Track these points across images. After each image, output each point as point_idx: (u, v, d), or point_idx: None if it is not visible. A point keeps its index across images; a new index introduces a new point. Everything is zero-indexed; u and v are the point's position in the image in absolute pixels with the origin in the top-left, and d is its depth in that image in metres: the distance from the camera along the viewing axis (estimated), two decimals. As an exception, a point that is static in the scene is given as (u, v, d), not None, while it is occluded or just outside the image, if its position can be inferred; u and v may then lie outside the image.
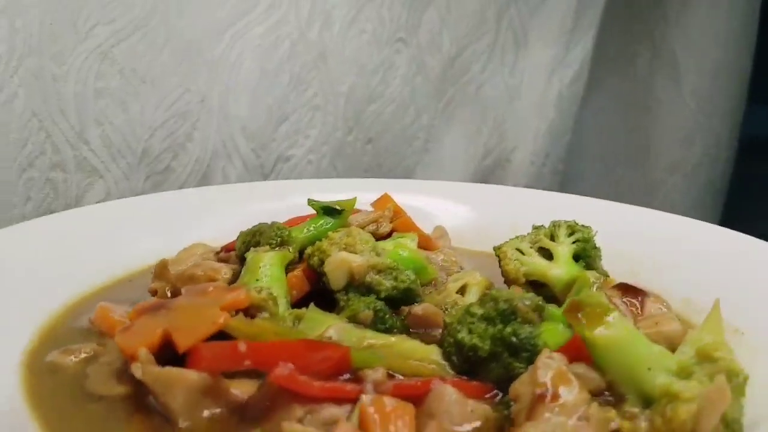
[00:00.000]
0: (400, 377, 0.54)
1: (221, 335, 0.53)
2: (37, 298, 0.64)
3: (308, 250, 0.70)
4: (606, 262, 0.78)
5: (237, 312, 0.57)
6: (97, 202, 1.18)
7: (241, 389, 0.51)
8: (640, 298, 0.73)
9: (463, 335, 0.56)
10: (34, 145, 1.09)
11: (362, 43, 1.52)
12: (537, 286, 0.75)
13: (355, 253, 0.68)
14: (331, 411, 0.48)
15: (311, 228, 0.80)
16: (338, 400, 0.48)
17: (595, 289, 0.69)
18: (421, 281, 0.75)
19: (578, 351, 0.52)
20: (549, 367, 0.49)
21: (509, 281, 0.75)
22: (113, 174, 1.20)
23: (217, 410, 0.49)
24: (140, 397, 0.52)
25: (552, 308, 0.60)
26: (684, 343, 0.56)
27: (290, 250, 0.73)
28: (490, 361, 0.55)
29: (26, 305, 0.62)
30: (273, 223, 0.76)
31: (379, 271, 0.66)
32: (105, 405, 0.51)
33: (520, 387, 0.50)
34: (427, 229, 1.00)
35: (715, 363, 0.49)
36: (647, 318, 0.69)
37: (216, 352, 0.49)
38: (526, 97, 1.88)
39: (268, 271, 0.66)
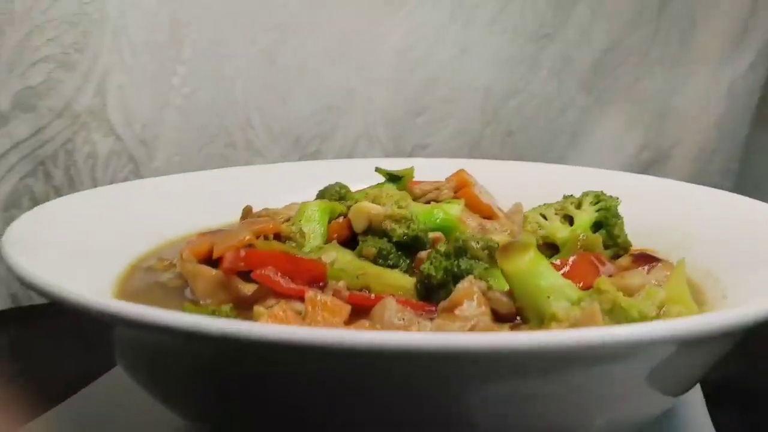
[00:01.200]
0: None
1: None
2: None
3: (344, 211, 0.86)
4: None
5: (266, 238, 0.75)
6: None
7: (248, 289, 0.68)
8: (648, 266, 0.75)
9: (424, 266, 0.67)
10: (212, 128, 1.39)
11: (504, 41, 1.62)
12: (556, 249, 0.81)
13: (379, 204, 0.82)
14: (297, 305, 0.63)
15: (372, 189, 0.96)
16: (298, 297, 0.64)
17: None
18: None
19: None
20: (462, 288, 0.59)
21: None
22: (272, 154, 1.47)
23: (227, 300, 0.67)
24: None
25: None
26: (634, 297, 0.61)
27: (346, 204, 0.89)
28: (440, 288, 0.65)
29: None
30: (337, 183, 0.93)
31: (395, 220, 0.79)
32: (166, 292, 0.72)
33: (442, 303, 0.60)
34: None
35: (602, 295, 0.54)
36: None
37: (228, 257, 0.67)
38: (690, 89, 1.79)
39: (310, 215, 0.82)
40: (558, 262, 0.67)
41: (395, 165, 1.07)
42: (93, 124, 1.13)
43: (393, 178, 0.98)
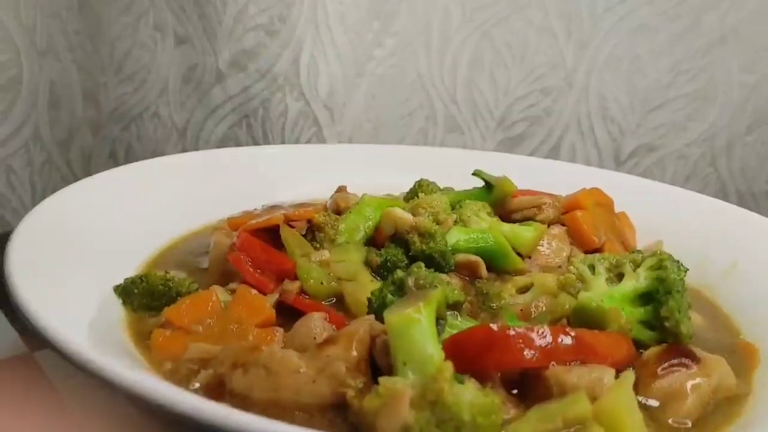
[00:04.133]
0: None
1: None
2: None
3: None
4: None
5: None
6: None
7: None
8: (680, 364, 0.58)
9: (374, 291, 0.64)
10: (414, 100, 1.43)
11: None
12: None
13: (416, 213, 0.78)
14: (242, 287, 0.67)
15: (461, 193, 0.90)
16: (258, 287, 0.67)
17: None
18: (502, 267, 0.78)
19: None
20: (352, 325, 0.55)
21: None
22: (472, 132, 1.45)
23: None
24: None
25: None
26: (556, 400, 0.50)
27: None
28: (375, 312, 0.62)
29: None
30: (421, 179, 0.91)
31: (419, 233, 0.75)
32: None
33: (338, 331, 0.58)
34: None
35: (435, 383, 0.45)
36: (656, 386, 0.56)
37: (237, 237, 0.74)
38: None
39: (362, 209, 0.83)
40: (522, 329, 0.56)
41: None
42: (287, 88, 1.28)
43: (487, 184, 0.90)
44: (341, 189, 0.95)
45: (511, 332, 0.54)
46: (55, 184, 1.42)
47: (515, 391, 0.55)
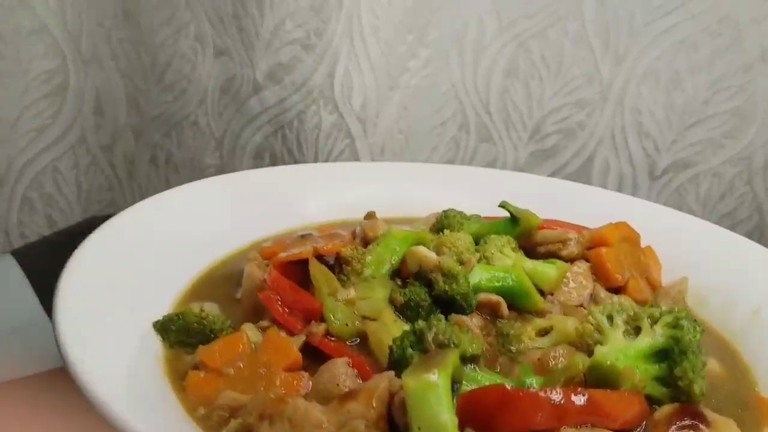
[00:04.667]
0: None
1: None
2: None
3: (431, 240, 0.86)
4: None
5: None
6: (485, 164, 1.46)
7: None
8: (691, 428, 0.59)
9: (395, 339, 0.67)
10: (448, 109, 1.44)
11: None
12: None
13: (440, 252, 0.80)
14: (273, 329, 0.71)
15: (487, 226, 0.92)
16: (286, 328, 0.71)
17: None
18: (523, 307, 0.80)
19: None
20: (372, 382, 0.58)
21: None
22: (504, 143, 1.45)
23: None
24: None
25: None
26: None
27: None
28: (396, 367, 0.64)
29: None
30: (452, 210, 0.92)
31: (443, 273, 0.77)
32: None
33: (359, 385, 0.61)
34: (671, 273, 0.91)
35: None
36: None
37: (268, 273, 0.78)
38: None
39: (389, 242, 0.86)
40: (535, 391, 0.58)
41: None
42: (321, 101, 1.30)
43: (513, 218, 0.91)
44: (370, 216, 0.98)
45: (524, 394, 0.56)
46: (99, 184, 1.48)
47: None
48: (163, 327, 0.71)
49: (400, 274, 0.84)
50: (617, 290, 0.87)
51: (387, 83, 1.33)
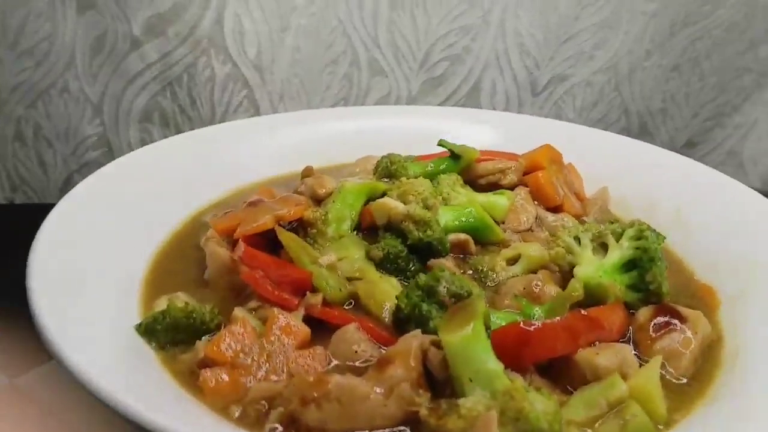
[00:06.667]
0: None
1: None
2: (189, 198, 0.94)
3: (387, 189, 0.86)
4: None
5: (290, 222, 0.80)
6: (380, 98, 1.46)
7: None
8: (672, 326, 0.68)
9: (399, 295, 0.68)
10: (338, 47, 1.41)
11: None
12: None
13: (405, 201, 0.81)
14: (272, 311, 0.69)
15: (430, 166, 0.94)
16: (280, 305, 0.69)
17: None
18: (485, 240, 0.84)
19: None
20: (404, 343, 0.60)
21: (554, 265, 0.77)
22: (396, 75, 1.46)
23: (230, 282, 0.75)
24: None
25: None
26: (593, 384, 0.58)
27: (396, 182, 0.89)
28: (406, 323, 0.66)
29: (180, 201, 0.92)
30: (391, 155, 0.93)
31: (414, 221, 0.79)
32: (199, 255, 0.82)
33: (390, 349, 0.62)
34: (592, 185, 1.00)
35: (512, 402, 0.52)
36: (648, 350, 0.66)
37: (236, 247, 0.74)
38: None
39: (345, 197, 0.85)
40: (539, 323, 0.63)
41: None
42: (212, 50, 1.21)
43: (454, 155, 0.94)
44: (308, 171, 0.96)
45: (543, 327, 0.61)
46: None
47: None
48: (148, 329, 0.66)
49: (359, 227, 0.85)
50: (554, 209, 0.94)
51: (278, 25, 1.26)
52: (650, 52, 1.46)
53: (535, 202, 0.93)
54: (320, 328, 0.68)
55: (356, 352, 0.64)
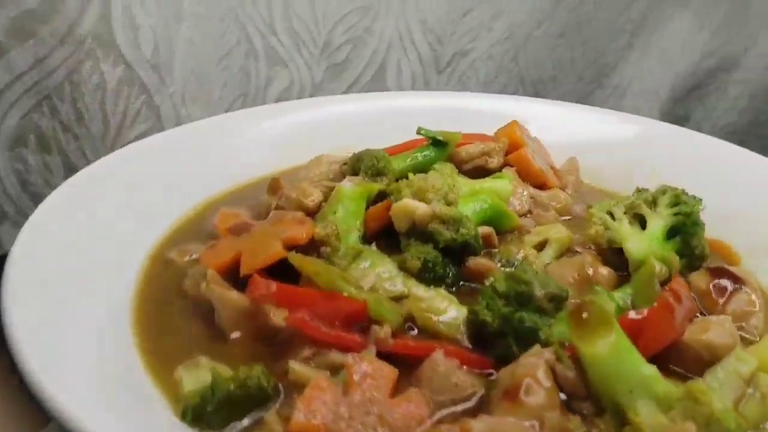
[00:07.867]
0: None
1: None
2: (176, 199, 0.80)
3: (390, 187, 0.76)
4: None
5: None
6: (282, 90, 1.33)
7: (278, 318, 0.61)
8: (731, 287, 0.67)
9: (478, 308, 0.59)
10: (230, 36, 1.24)
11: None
12: (621, 254, 0.72)
13: (424, 199, 0.72)
14: (336, 356, 0.56)
15: (414, 157, 0.85)
16: (342, 348, 0.57)
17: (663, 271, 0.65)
18: (502, 228, 0.78)
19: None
20: (528, 365, 0.52)
21: (592, 245, 0.74)
22: (296, 63, 1.33)
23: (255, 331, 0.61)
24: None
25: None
26: (720, 365, 0.54)
27: (385, 180, 0.79)
28: (496, 339, 0.58)
29: (166, 203, 0.79)
30: (371, 151, 0.82)
31: (442, 221, 0.70)
32: (188, 303, 0.66)
33: (504, 374, 0.53)
34: (560, 158, 0.98)
35: (698, 406, 0.47)
36: (720, 315, 0.64)
37: (256, 286, 0.60)
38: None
39: (347, 205, 0.73)
40: (633, 314, 0.58)
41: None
42: (99, 51, 1.00)
43: (437, 142, 0.86)
44: (276, 183, 0.82)
45: (648, 314, 0.56)
46: None
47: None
48: (197, 415, 0.50)
49: (364, 236, 0.74)
50: (540, 186, 0.90)
51: (172, 12, 1.07)
52: (540, 21, 1.49)
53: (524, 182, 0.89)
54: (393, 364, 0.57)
55: (456, 384, 0.55)
